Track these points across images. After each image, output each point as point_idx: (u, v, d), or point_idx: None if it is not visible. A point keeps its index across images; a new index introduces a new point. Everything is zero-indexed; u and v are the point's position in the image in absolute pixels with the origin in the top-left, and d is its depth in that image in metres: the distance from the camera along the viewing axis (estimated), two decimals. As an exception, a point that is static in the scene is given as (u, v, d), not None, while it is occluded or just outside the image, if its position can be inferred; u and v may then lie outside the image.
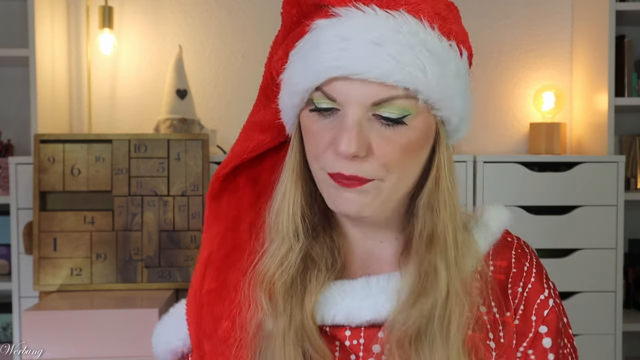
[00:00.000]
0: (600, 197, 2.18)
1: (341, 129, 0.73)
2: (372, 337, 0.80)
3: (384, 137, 0.74)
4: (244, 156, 0.87)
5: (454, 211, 0.80)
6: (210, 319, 0.83)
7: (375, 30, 0.72)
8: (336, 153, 0.74)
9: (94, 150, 2.01)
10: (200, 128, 2.32)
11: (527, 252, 0.86)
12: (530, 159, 2.23)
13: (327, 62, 0.73)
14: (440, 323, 0.76)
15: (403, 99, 0.73)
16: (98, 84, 2.54)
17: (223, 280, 0.85)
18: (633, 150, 2.54)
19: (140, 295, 1.93)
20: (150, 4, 2.55)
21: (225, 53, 2.57)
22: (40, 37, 2.26)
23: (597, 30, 2.38)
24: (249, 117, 0.89)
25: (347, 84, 0.73)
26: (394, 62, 0.71)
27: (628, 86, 2.41)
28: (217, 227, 0.89)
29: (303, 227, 0.81)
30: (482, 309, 0.80)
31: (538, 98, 2.53)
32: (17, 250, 2.09)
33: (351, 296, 0.80)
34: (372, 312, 0.79)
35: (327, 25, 0.75)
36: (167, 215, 2.01)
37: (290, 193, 0.81)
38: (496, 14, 2.59)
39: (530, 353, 0.81)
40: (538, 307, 0.82)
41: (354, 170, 0.74)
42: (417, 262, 0.79)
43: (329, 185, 0.77)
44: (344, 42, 0.73)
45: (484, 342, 0.79)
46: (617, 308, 2.17)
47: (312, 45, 0.75)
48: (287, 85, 0.79)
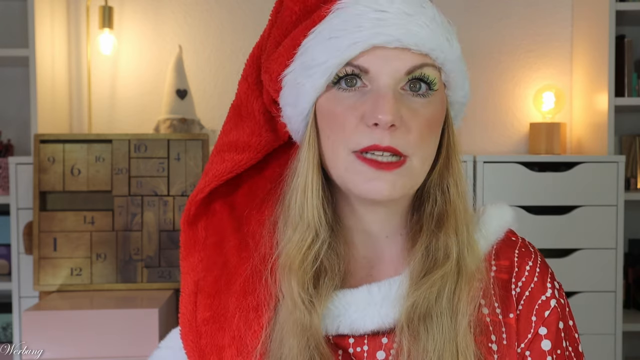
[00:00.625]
0: (600, 197, 2.18)
1: (377, 99, 0.73)
2: (376, 344, 0.79)
3: (413, 109, 0.75)
4: (222, 178, 0.85)
5: (464, 191, 0.81)
6: (212, 349, 0.81)
7: (404, 3, 0.75)
8: (371, 125, 0.73)
9: (94, 150, 2.01)
10: (200, 128, 2.32)
11: (532, 252, 0.85)
12: (530, 159, 2.23)
13: (365, 30, 0.73)
14: (450, 298, 0.76)
15: (432, 67, 0.76)
16: (98, 84, 2.54)
17: (217, 306, 0.82)
18: (633, 150, 2.54)
19: (140, 295, 1.93)
20: (150, 4, 2.55)
21: (225, 53, 2.57)
22: (40, 37, 2.26)
23: (597, 30, 2.39)
24: (221, 137, 0.87)
25: (383, 53, 0.74)
26: (428, 30, 0.74)
27: (628, 86, 2.41)
28: (197, 253, 0.87)
29: (326, 219, 0.80)
30: (484, 311, 0.79)
31: (538, 98, 2.53)
32: (17, 250, 2.09)
33: (354, 307, 0.79)
34: (375, 322, 0.78)
35: (354, 3, 0.76)
36: (167, 215, 2.01)
37: (311, 185, 0.79)
38: (496, 14, 2.59)
39: (528, 354, 0.80)
40: (539, 307, 0.81)
41: (390, 142, 0.73)
42: (427, 240, 0.79)
43: (359, 172, 0.75)
44: (379, 13, 0.74)
45: (485, 345, 0.78)
46: (617, 308, 2.18)
47: (341, 21, 0.75)
48: (305, 71, 0.77)
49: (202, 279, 0.85)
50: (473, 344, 0.76)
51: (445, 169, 0.81)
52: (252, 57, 0.86)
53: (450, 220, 0.79)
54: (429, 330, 0.76)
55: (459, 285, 0.77)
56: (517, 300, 0.81)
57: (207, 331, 0.81)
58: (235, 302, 0.80)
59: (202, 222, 0.88)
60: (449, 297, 0.76)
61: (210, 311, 0.82)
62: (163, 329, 1.77)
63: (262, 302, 0.79)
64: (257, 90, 0.85)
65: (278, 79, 0.80)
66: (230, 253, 0.85)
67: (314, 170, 0.79)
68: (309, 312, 0.76)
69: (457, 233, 0.79)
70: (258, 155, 0.86)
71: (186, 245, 0.88)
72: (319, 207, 0.79)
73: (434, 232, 0.79)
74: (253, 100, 0.85)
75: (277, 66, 0.80)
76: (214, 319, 0.81)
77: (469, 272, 0.78)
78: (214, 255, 0.85)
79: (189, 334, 0.83)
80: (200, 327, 0.82)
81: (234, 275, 0.82)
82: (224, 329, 0.80)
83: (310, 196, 0.79)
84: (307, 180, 0.79)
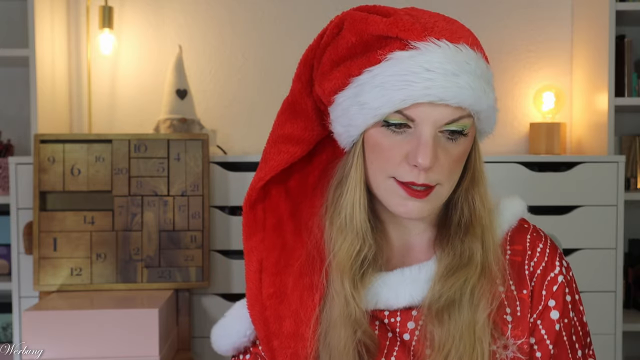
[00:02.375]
0: (600, 197, 2.18)
1: (419, 145, 0.87)
2: (408, 316, 0.96)
3: (446, 149, 0.89)
4: (279, 168, 1.00)
5: (488, 201, 0.96)
6: (274, 319, 0.97)
7: (451, 62, 0.87)
8: (411, 164, 0.87)
9: (94, 150, 2.01)
10: (200, 128, 2.32)
11: (542, 236, 1.00)
12: (530, 159, 2.22)
13: (416, 91, 0.86)
14: (471, 295, 0.91)
15: (467, 117, 0.89)
16: (98, 84, 2.54)
17: (279, 284, 0.98)
18: (633, 150, 2.54)
19: (140, 295, 1.94)
20: (150, 4, 2.55)
21: (225, 53, 2.57)
22: (40, 37, 2.26)
23: (597, 30, 2.39)
24: (276, 129, 1.01)
25: (429, 107, 0.87)
26: (469, 90, 0.87)
27: (628, 86, 2.41)
28: (259, 233, 1.01)
29: (370, 227, 0.95)
30: (500, 289, 0.94)
31: (538, 98, 2.53)
32: (17, 250, 2.09)
33: (388, 286, 0.95)
34: (407, 299, 0.95)
35: (408, 57, 0.87)
36: (167, 215, 2.01)
37: (359, 201, 0.94)
38: (496, 14, 2.59)
39: (539, 323, 0.95)
40: (548, 283, 0.96)
41: (424, 179, 0.88)
42: (456, 243, 0.94)
43: (396, 194, 0.90)
44: (428, 72, 0.86)
45: (501, 317, 0.93)
46: (617, 308, 2.17)
47: (394, 73, 0.87)
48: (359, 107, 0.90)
49: (265, 258, 1.00)
50: (489, 336, 0.91)
51: (471, 185, 0.96)
52: (305, 58, 0.98)
53: (476, 229, 0.94)
54: (451, 317, 0.91)
55: (480, 283, 0.92)
56: (529, 278, 0.96)
57: (271, 305, 0.98)
58: (293, 281, 0.97)
59: (260, 205, 1.02)
60: (472, 293, 0.91)
61: (273, 287, 0.98)
62: (163, 329, 1.77)
63: (315, 283, 0.95)
64: (308, 88, 0.99)
65: (331, 97, 0.93)
66: (288, 237, 1.00)
67: (360, 188, 0.94)
68: (357, 304, 0.92)
69: (482, 240, 0.93)
70: (309, 147, 1.01)
71: (248, 227, 1.02)
72: (365, 220, 0.94)
73: (462, 238, 0.94)
74: (306, 99, 0.99)
75: (331, 86, 0.93)
76: (276, 295, 0.98)
77: (492, 274, 0.92)
78: (273, 237, 1.00)
79: (255, 305, 0.99)
80: (265, 301, 0.98)
81: (291, 257, 0.98)
82: (284, 303, 0.97)
83: (358, 211, 0.94)
84: (354, 197, 0.94)
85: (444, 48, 0.87)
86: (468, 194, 0.96)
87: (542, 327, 0.95)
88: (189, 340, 2.04)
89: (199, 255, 2.01)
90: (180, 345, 2.02)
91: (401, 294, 0.95)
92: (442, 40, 0.87)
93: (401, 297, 0.95)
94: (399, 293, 0.95)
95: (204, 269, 2.01)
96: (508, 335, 0.94)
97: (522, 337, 0.94)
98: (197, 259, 2.01)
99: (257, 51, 2.56)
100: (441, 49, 0.87)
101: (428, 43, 0.87)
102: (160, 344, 1.71)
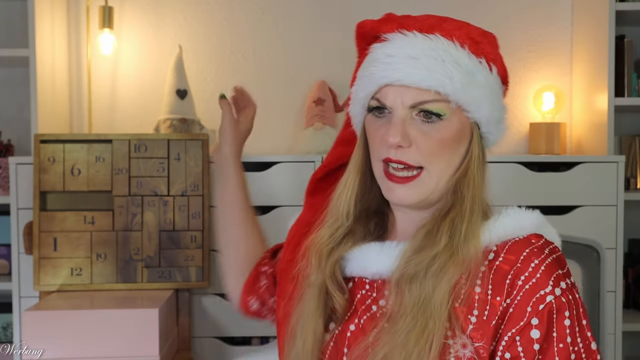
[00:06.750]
0: (600, 197, 2.18)
1: (389, 126, 0.95)
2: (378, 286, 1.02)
3: (423, 132, 0.95)
4: (330, 166, 1.17)
5: (475, 196, 0.98)
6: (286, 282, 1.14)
7: (413, 48, 0.94)
8: (386, 143, 0.95)
9: (94, 150, 2.01)
10: (200, 128, 2.32)
11: (544, 253, 0.95)
12: (530, 159, 2.22)
13: (376, 73, 0.96)
14: (434, 274, 0.93)
15: (437, 102, 0.94)
16: (98, 84, 2.54)
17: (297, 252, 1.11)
18: (633, 150, 2.54)
19: (140, 295, 1.93)
20: (150, 4, 2.55)
21: (225, 53, 2.57)
22: (40, 37, 2.26)
23: (597, 30, 2.39)
24: (339, 134, 1.17)
25: (392, 90, 0.95)
26: (427, 71, 0.92)
27: (628, 86, 2.41)
28: (305, 214, 1.18)
29: (354, 211, 1.05)
30: (477, 289, 0.94)
31: (538, 98, 2.53)
32: (17, 250, 2.09)
33: (365, 256, 1.03)
34: (378, 266, 1.01)
35: (378, 47, 0.98)
36: (167, 215, 2.01)
37: (350, 183, 1.05)
38: (496, 13, 2.59)
39: (518, 339, 0.91)
40: (536, 300, 0.91)
41: (399, 157, 0.95)
42: (430, 226, 0.98)
43: (384, 180, 0.98)
44: (388, 58, 0.95)
45: (465, 314, 0.93)
46: (617, 308, 2.17)
47: (368, 63, 0.99)
48: (354, 97, 1.03)
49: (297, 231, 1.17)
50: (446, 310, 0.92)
51: (463, 176, 0.99)
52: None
53: (451, 213, 0.97)
54: (412, 290, 0.94)
55: (448, 264, 0.93)
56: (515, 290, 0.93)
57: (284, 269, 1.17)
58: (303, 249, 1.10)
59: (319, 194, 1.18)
60: (436, 271, 0.93)
61: (292, 255, 1.14)
62: (163, 329, 1.77)
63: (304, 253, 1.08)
64: None
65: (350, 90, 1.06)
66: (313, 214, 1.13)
67: (356, 172, 1.04)
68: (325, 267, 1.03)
69: (453, 224, 0.96)
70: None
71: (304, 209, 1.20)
72: (350, 202, 1.04)
73: (437, 221, 0.98)
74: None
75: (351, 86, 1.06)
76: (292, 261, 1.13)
77: (461, 257, 0.93)
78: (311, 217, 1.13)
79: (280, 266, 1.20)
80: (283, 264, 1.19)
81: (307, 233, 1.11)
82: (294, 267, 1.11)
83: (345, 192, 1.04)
84: (348, 179, 1.05)
85: (410, 37, 0.95)
86: (457, 184, 0.99)
87: (520, 344, 0.91)
88: (189, 340, 2.04)
89: (199, 255, 2.01)
90: (181, 345, 2.02)
91: (373, 264, 1.01)
92: (413, 31, 0.96)
93: (373, 266, 1.01)
94: (371, 263, 1.02)
95: (204, 269, 2.01)
96: (468, 334, 0.92)
97: (481, 341, 0.91)
98: (197, 259, 2.01)
99: (257, 51, 2.56)
100: (407, 37, 0.95)
101: (395, 34, 0.96)
102: (161, 344, 1.71)
